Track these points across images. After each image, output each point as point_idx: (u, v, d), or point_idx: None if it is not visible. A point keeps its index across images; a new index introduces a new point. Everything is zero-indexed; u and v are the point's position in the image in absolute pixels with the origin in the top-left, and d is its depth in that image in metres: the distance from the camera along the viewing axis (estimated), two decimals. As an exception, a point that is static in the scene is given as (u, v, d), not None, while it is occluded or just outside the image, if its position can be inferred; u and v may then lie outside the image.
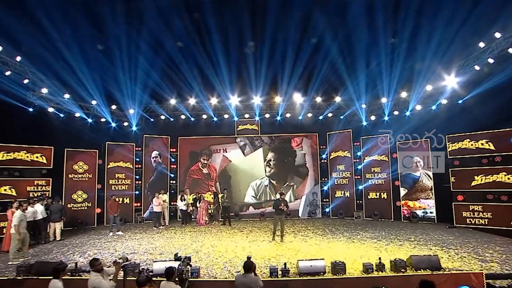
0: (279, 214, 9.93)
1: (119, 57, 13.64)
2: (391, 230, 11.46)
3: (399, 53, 12.79)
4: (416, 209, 13.66)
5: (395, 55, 13.03)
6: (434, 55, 11.91)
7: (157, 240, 10.48)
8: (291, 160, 16.26)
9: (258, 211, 15.77)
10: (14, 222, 7.95)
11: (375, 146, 14.96)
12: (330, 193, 16.09)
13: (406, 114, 14.13)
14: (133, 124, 16.04)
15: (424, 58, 12.33)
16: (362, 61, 14.31)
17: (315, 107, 16.24)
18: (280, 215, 9.93)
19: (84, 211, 13.81)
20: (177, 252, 5.83)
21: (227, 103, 15.89)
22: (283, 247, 8.93)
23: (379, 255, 7.75)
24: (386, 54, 13.30)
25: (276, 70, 15.04)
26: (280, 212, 9.93)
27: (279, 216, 9.94)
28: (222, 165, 16.30)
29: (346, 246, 8.86)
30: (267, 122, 16.62)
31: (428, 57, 12.14)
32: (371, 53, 13.90)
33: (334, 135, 16.25)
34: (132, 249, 9.07)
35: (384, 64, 13.49)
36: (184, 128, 16.64)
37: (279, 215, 9.93)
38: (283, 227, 9.98)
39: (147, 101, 15.66)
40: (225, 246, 9.19)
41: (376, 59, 13.85)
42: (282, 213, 9.96)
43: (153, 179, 15.59)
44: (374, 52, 13.82)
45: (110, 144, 15.08)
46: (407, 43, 12.42)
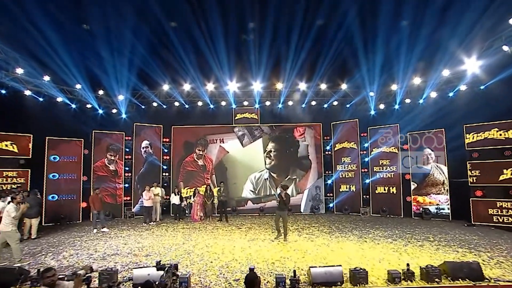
0: (281, 210, 8.91)
1: (106, 37, 12.35)
2: (404, 228, 10.44)
3: (412, 34, 11.65)
4: (426, 205, 12.65)
5: (408, 37, 11.89)
6: (453, 36, 10.77)
7: (145, 238, 9.36)
8: (294, 151, 15.16)
9: (257, 206, 14.71)
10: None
11: (384, 137, 13.88)
12: (335, 187, 15.04)
13: (420, 102, 13.01)
14: (123, 111, 14.80)
15: (441, 40, 11.18)
16: (371, 45, 13.15)
17: (319, 94, 15.08)
18: (281, 210, 8.91)
19: (68, 205, 12.65)
20: (160, 260, 4.70)
21: (224, 89, 14.68)
22: (287, 248, 7.86)
23: (399, 257, 6.73)
24: (397, 36, 12.17)
25: (278, 53, 13.84)
26: (282, 208, 8.89)
27: (281, 212, 8.92)
28: (219, 156, 15.15)
29: (359, 247, 7.81)
30: (268, 110, 15.45)
31: (446, 38, 10.99)
32: (381, 35, 12.74)
33: (339, 125, 15.13)
34: (115, 249, 7.94)
35: (396, 47, 12.35)
36: (178, 116, 15.43)
37: (281, 210, 8.91)
38: (285, 224, 8.92)
39: (137, 87, 14.41)
40: (221, 246, 8.10)
41: (387, 42, 12.70)
42: (284, 208, 8.90)
43: (143, 171, 14.42)
44: (385, 34, 12.67)
45: (97, 133, 13.87)
46: (421, 22, 11.27)
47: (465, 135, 11.40)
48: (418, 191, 13.02)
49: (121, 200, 13.88)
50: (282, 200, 8.81)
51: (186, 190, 14.85)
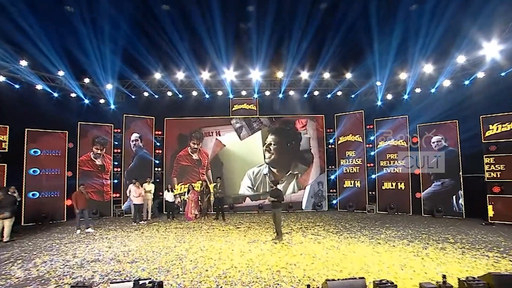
0: (273, 208, 8.28)
1: (91, 19, 11.26)
2: (417, 227, 9.60)
3: (424, 17, 10.70)
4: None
5: (419, 20, 10.95)
6: (470, 18, 9.84)
7: (133, 240, 8.40)
8: (295, 145, 14.23)
9: (256, 204, 13.80)
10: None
11: (392, 129, 12.99)
12: (338, 183, 14.17)
13: (431, 92, 12.10)
14: (111, 101, 13.72)
15: (457, 22, 10.24)
16: (378, 30, 12.19)
17: (323, 84, 14.12)
18: (274, 208, 8.25)
19: (51, 204, 11.61)
20: (139, 278, 3.75)
21: (221, 78, 13.66)
22: (293, 252, 6.95)
23: (422, 263, 5.86)
24: (407, 20, 11.22)
25: (279, 39, 12.84)
26: (274, 205, 8.21)
27: (273, 209, 8.29)
28: (215, 150, 14.17)
29: (373, 250, 6.93)
30: (267, 101, 14.47)
31: (462, 21, 10.06)
32: (389, 19, 11.79)
33: (343, 117, 14.22)
34: (97, 254, 6.98)
35: (406, 32, 11.41)
36: (171, 107, 14.39)
37: (273, 208, 8.28)
38: (277, 223, 8.18)
39: (127, 75, 13.32)
40: (217, 250, 7.17)
41: (396, 26, 11.75)
42: (277, 206, 8.17)
43: (132, 166, 13.40)
44: (393, 18, 11.72)
45: (83, 125, 12.80)
46: (433, 3, 10.34)
47: (482, 126, 10.54)
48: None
49: (109, 197, 12.88)
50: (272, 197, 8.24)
51: (180, 186, 13.89)
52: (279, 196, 8.14)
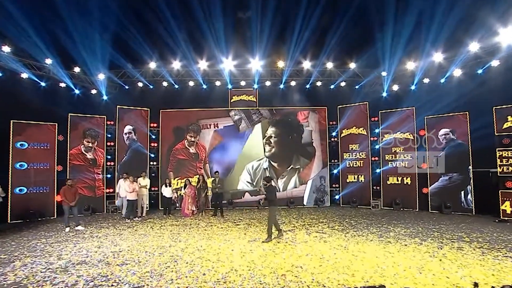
0: (268, 205, 7.72)
1: (80, 2, 10.57)
2: (426, 224, 9.10)
3: (434, 2, 10.09)
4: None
5: (428, 5, 10.33)
6: (484, 2, 9.23)
7: (125, 239, 7.83)
8: (297, 137, 13.65)
9: (256, 199, 13.26)
10: None
11: (398, 121, 12.44)
12: (341, 177, 13.65)
13: (441, 82, 11.50)
14: (103, 92, 13.03)
15: (470, 7, 9.63)
16: (384, 16, 11.58)
17: (325, 74, 13.50)
18: (268, 206, 7.70)
19: (40, 199, 11.01)
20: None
21: (219, 67, 13.00)
22: (298, 252, 6.41)
23: (442, 266, 5.33)
24: (416, 5, 10.60)
25: (280, 27, 12.19)
26: (269, 203, 7.65)
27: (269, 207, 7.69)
28: (213, 143, 13.57)
29: (384, 250, 6.40)
30: (268, 92, 13.84)
31: (476, 5, 9.45)
32: (396, 4, 11.17)
33: (347, 109, 13.63)
34: (84, 255, 6.40)
35: (414, 19, 10.79)
36: (166, 98, 13.74)
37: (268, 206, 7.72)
38: (269, 221, 7.56)
39: (120, 64, 12.63)
40: (216, 250, 6.62)
41: (403, 13, 11.13)
42: (270, 203, 7.61)
43: (126, 160, 12.80)
44: (401, 3, 11.10)
45: (74, 117, 12.14)
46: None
47: (495, 118, 10.00)
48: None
49: (102, 193, 12.29)
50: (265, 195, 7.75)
51: (177, 181, 13.31)
52: (271, 194, 7.54)
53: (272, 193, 7.60)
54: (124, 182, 10.56)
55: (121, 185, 10.51)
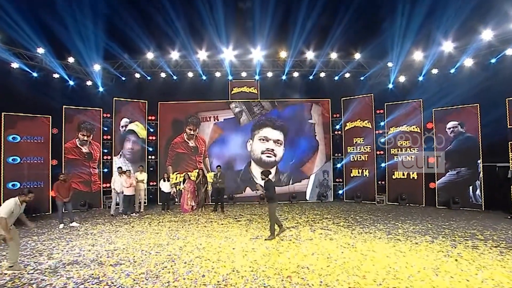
0: (267, 202, 7.31)
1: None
2: (435, 221, 8.74)
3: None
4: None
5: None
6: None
7: (121, 236, 7.47)
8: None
9: (257, 194, 12.86)
10: None
11: (404, 114, 12.00)
12: (345, 172, 13.26)
13: (451, 72, 11.03)
14: (99, 83, 12.58)
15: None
16: (391, 4, 11.07)
17: (329, 65, 13.02)
18: (267, 202, 7.29)
19: (34, 195, 10.53)
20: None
21: (219, 58, 12.51)
22: (303, 250, 6.04)
23: (459, 267, 4.97)
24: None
25: (283, 15, 11.69)
26: (268, 199, 7.26)
27: (268, 204, 7.29)
28: (213, 136, 13.16)
29: (394, 249, 6.03)
30: (269, 83, 13.38)
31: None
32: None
33: (351, 101, 13.18)
34: (76, 254, 6.04)
35: (423, 6, 10.28)
36: (165, 90, 13.30)
37: (267, 202, 7.31)
38: (271, 220, 7.14)
39: (117, 54, 12.15)
40: (216, 249, 6.25)
41: (411, 0, 10.62)
42: (269, 200, 7.19)
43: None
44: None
45: (69, 109, 11.70)
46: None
47: (508, 110, 9.56)
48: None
49: (98, 188, 11.92)
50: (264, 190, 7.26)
51: (176, 176, 12.94)
52: (270, 191, 7.13)
53: (272, 189, 7.19)
54: (120, 177, 10.15)
55: (116, 180, 10.09)
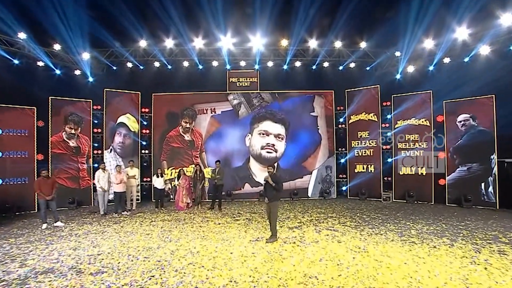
0: (270, 199, 6.32)
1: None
2: (449, 220, 8.11)
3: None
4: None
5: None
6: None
7: (108, 238, 6.79)
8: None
9: (256, 190, 12.23)
10: None
11: (413, 107, 11.32)
12: (349, 167, 12.61)
13: (464, 61, 10.33)
14: (88, 73, 11.81)
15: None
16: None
17: (334, 54, 12.30)
18: (271, 200, 6.31)
19: (18, 191, 9.93)
20: None
21: (217, 46, 11.76)
22: (309, 255, 5.39)
23: (489, 276, 4.32)
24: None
25: (284, 2, 10.94)
26: (271, 196, 6.30)
27: (267, 203, 6.41)
28: (210, 129, 12.45)
29: (411, 254, 5.39)
30: (270, 74, 12.65)
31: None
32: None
33: (356, 93, 12.48)
34: (54, 260, 5.36)
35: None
36: (159, 81, 12.56)
37: (270, 200, 6.32)
38: (273, 220, 6.31)
39: (107, 42, 11.37)
40: (212, 254, 5.59)
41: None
42: (275, 197, 6.31)
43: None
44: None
45: (55, 100, 10.94)
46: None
47: (526, 101, 8.92)
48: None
49: (87, 184, 11.21)
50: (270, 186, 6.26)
51: (171, 171, 12.25)
52: (279, 185, 6.36)
53: (281, 183, 6.42)
54: (104, 174, 9.40)
55: (100, 178, 9.33)
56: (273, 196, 6.33)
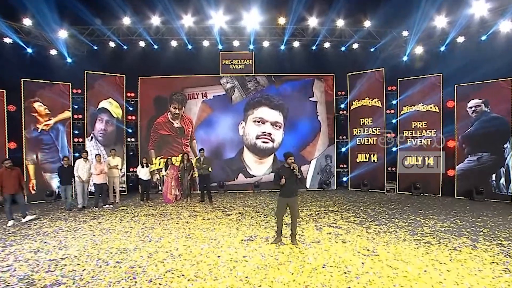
0: (289, 195, 5.22)
1: None
2: (463, 215, 7.36)
3: None
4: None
5: None
6: None
7: (79, 237, 5.94)
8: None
9: (251, 181, 11.41)
10: None
11: (421, 91, 10.44)
12: (350, 156, 11.79)
13: (481, 40, 9.39)
14: (66, 53, 10.72)
15: None
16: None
17: (335, 34, 11.29)
18: (289, 196, 5.22)
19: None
20: None
21: (207, 24, 10.68)
22: (310, 259, 4.60)
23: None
24: None
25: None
26: (291, 191, 5.22)
27: (288, 198, 5.23)
28: (201, 116, 11.50)
29: (430, 257, 4.61)
30: (266, 55, 11.65)
31: None
32: None
33: (358, 77, 11.54)
34: (5, 267, 4.49)
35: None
36: (145, 62, 11.50)
37: (288, 196, 5.22)
38: (295, 218, 5.31)
39: (86, 18, 10.24)
40: (196, 258, 4.77)
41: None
42: (294, 192, 5.26)
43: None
44: None
45: (29, 82, 9.90)
46: None
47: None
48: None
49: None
50: (294, 176, 5.10)
51: (159, 161, 11.35)
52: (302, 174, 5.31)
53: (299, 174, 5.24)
54: (85, 163, 8.51)
55: (80, 167, 8.44)
56: (295, 191, 5.28)
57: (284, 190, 5.26)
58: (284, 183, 5.11)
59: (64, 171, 8.36)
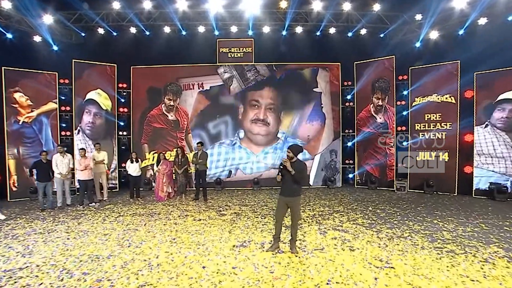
0: (289, 195, 4.48)
1: None
2: (487, 218, 6.53)
3: None
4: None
5: None
6: None
7: (51, 240, 5.24)
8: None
9: (250, 177, 10.68)
10: None
11: (435, 80, 9.56)
12: (357, 151, 10.94)
13: (508, 20, 8.42)
14: (51, 40, 10.00)
15: None
16: None
17: (341, 18, 10.40)
18: (288, 195, 4.48)
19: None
20: None
21: (203, 8, 9.87)
22: (312, 271, 3.85)
23: None
24: None
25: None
26: (290, 190, 4.46)
27: (287, 197, 4.51)
28: (197, 107, 10.74)
29: (456, 270, 3.83)
30: (266, 41, 10.81)
31: None
32: None
33: (366, 65, 10.67)
34: (-48, 278, 3.81)
35: None
36: (137, 50, 10.77)
37: (287, 195, 4.50)
38: (295, 222, 4.55)
39: (72, 3, 9.50)
40: (177, 268, 4.04)
41: None
42: (293, 191, 4.48)
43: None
44: None
45: (10, 71, 9.21)
46: None
47: None
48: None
49: (51, 171, 9.60)
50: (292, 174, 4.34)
51: (152, 155, 10.65)
52: (302, 172, 4.49)
53: (305, 172, 4.62)
54: (62, 158, 7.78)
55: (58, 162, 7.72)
56: (296, 190, 4.49)
57: (283, 188, 4.55)
58: (280, 180, 4.40)
59: (42, 166, 7.63)
